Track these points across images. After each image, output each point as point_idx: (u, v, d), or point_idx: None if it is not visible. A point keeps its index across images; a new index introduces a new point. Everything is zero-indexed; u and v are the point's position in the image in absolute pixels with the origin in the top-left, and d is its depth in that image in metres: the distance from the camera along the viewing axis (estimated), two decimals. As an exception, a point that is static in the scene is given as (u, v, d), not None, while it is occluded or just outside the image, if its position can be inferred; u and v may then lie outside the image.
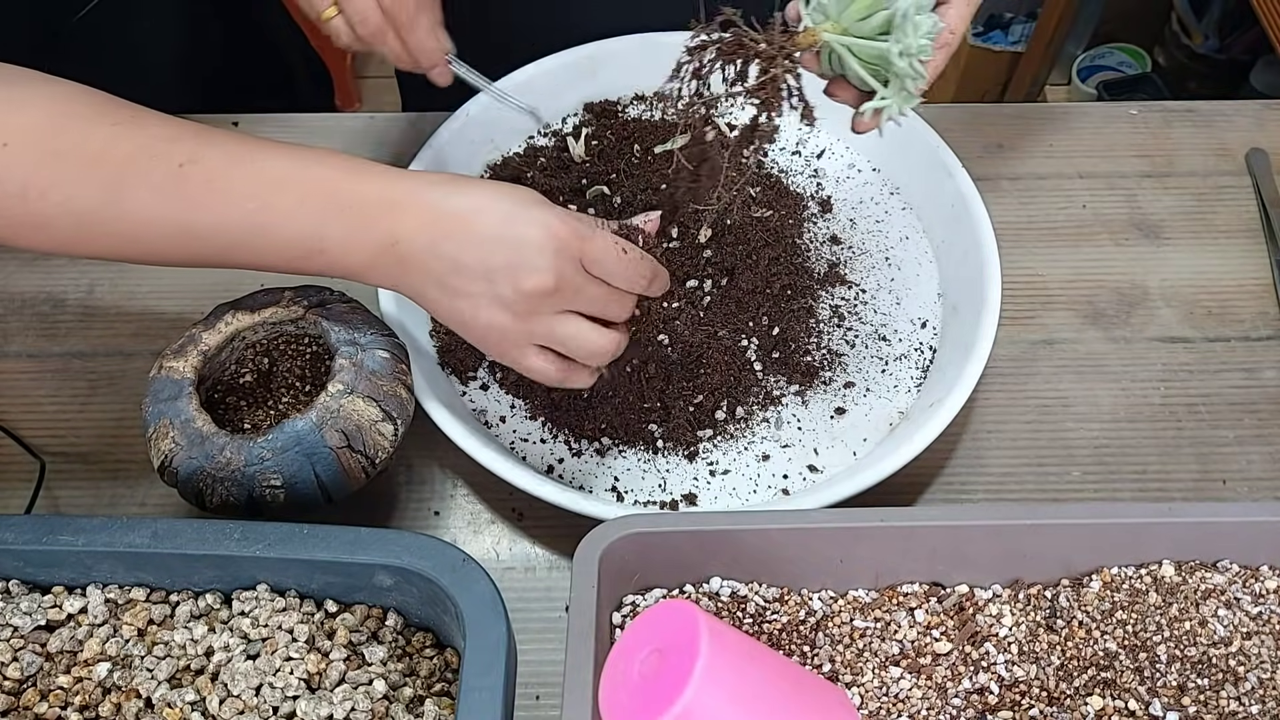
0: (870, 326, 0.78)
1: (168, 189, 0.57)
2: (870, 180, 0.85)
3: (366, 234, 0.58)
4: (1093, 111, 0.94)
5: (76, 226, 0.57)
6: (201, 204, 0.57)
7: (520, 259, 0.58)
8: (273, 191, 0.58)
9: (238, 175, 0.58)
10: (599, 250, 0.60)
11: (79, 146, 0.56)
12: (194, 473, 0.63)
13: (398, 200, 0.58)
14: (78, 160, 0.56)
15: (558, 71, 0.85)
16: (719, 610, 0.61)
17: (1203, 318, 0.81)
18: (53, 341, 0.80)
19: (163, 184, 0.57)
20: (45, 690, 0.57)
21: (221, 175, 0.58)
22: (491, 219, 0.58)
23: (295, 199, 0.58)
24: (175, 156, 0.57)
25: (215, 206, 0.57)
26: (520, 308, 0.59)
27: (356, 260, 0.59)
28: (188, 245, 0.59)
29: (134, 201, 0.57)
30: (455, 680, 0.59)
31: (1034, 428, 0.76)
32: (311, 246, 0.58)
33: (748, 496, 0.71)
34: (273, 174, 0.58)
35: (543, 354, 0.61)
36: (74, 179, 0.56)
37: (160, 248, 0.59)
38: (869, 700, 0.59)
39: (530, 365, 0.61)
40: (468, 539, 0.72)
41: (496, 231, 0.58)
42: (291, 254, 0.59)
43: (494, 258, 0.58)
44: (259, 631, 0.59)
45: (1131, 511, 0.62)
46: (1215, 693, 0.59)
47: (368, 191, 0.58)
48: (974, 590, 0.62)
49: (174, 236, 0.58)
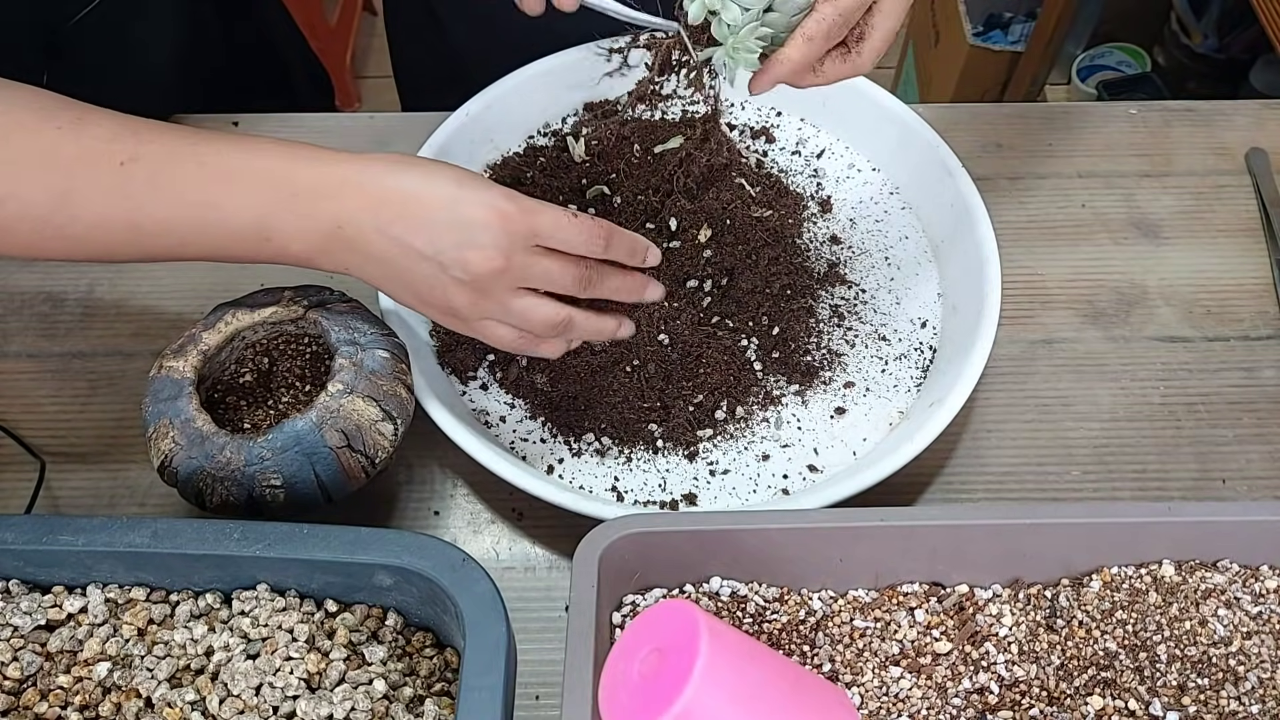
0: (870, 326, 0.78)
1: (113, 189, 0.57)
2: (870, 180, 0.85)
3: (312, 220, 0.59)
4: (1092, 111, 0.94)
5: (31, 232, 0.58)
6: (146, 201, 0.58)
7: (469, 239, 0.59)
8: (215, 184, 0.58)
9: (180, 170, 0.58)
10: (549, 223, 0.61)
11: (26, 152, 0.57)
12: (194, 472, 0.63)
13: (339, 184, 0.59)
14: (27, 166, 0.57)
15: (558, 71, 0.85)
16: (719, 610, 0.61)
17: (1202, 317, 0.81)
18: (53, 341, 0.80)
19: (108, 184, 0.57)
20: (45, 690, 0.57)
21: (164, 171, 0.58)
22: (437, 201, 0.59)
23: (238, 191, 0.58)
24: (117, 155, 0.57)
25: (159, 203, 0.58)
26: (473, 287, 0.60)
27: (305, 247, 0.59)
28: (139, 243, 0.59)
29: (82, 204, 0.57)
30: (455, 680, 0.59)
31: (1034, 427, 0.76)
32: (259, 236, 0.59)
33: (748, 496, 0.71)
34: (214, 167, 0.58)
35: (502, 324, 0.63)
36: (25, 185, 0.57)
37: (113, 247, 0.59)
38: (869, 700, 0.59)
39: (491, 335, 0.63)
40: (468, 539, 0.72)
41: (443, 214, 0.59)
42: (240, 245, 0.59)
43: (443, 239, 0.59)
44: (259, 631, 0.59)
45: (1131, 511, 0.62)
46: (1215, 692, 0.59)
47: (309, 177, 0.59)
48: (974, 590, 0.62)
49: (124, 235, 0.59)
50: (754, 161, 0.84)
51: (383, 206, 0.59)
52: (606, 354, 0.72)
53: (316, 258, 0.60)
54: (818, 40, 0.58)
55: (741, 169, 0.81)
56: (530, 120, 0.86)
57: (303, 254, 0.60)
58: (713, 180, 0.79)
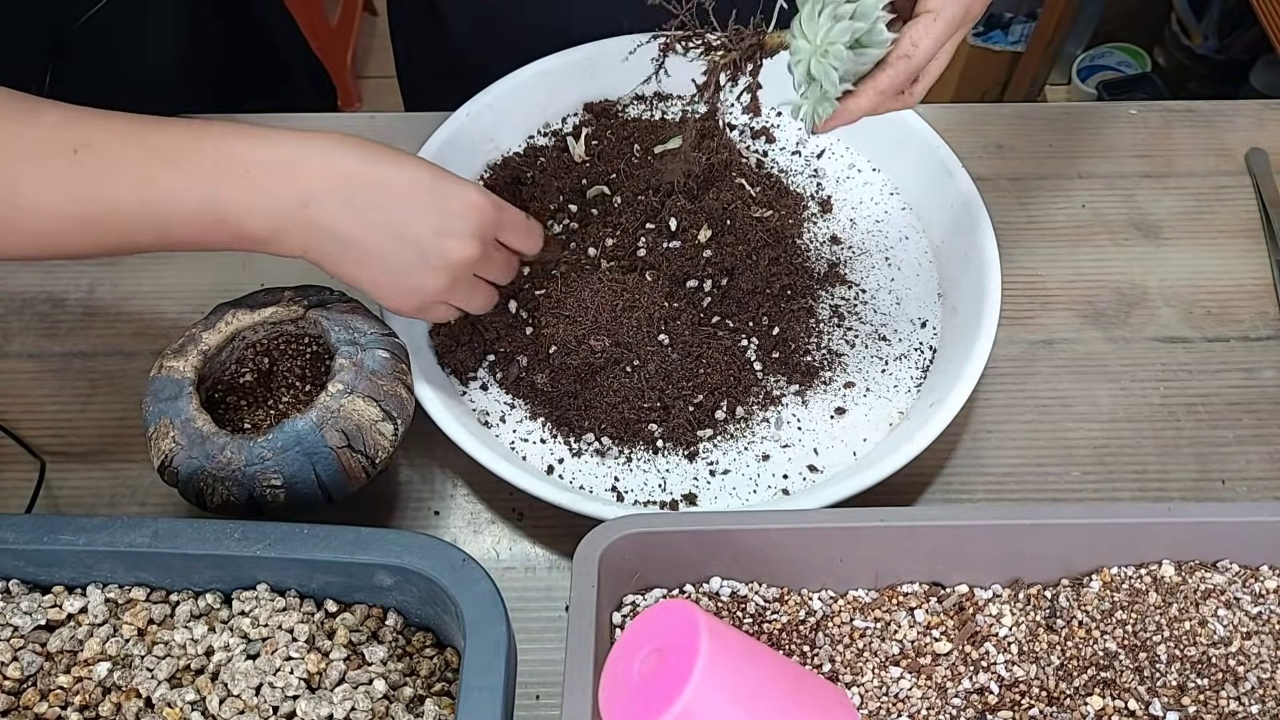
0: (870, 326, 0.78)
1: (63, 179, 0.57)
2: (870, 180, 0.85)
3: (270, 197, 0.59)
4: (1093, 112, 0.94)
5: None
6: (96, 189, 0.57)
7: (449, 228, 0.62)
8: (163, 167, 0.58)
9: (128, 156, 0.58)
10: (515, 220, 0.68)
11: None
12: (194, 472, 0.63)
13: (294, 161, 0.59)
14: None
15: (558, 71, 0.85)
16: (719, 610, 0.61)
17: (1202, 318, 0.81)
18: (53, 341, 0.80)
19: (58, 174, 0.57)
20: (45, 690, 0.57)
21: (112, 156, 0.57)
22: (417, 188, 0.61)
23: (186, 171, 0.58)
24: (67, 144, 0.57)
25: (108, 189, 0.57)
26: (447, 274, 0.64)
27: (262, 226, 0.59)
28: (93, 234, 0.59)
29: (34, 195, 0.57)
30: (455, 680, 0.59)
31: (1034, 428, 0.76)
32: (211, 217, 0.59)
33: (748, 496, 0.71)
34: (163, 150, 0.58)
35: (450, 306, 0.68)
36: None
37: (70, 240, 0.59)
38: (869, 700, 0.59)
39: (435, 315, 0.69)
40: (468, 539, 0.72)
41: (426, 201, 0.61)
42: (192, 229, 0.59)
43: (425, 226, 0.62)
44: (259, 631, 0.59)
45: (1131, 511, 0.62)
46: (1215, 693, 0.59)
47: (261, 155, 0.59)
48: (974, 590, 0.62)
49: (78, 226, 0.58)
50: (754, 161, 0.84)
51: (354, 187, 0.60)
52: (606, 354, 0.72)
53: (272, 239, 0.60)
54: (889, 93, 0.59)
55: (741, 169, 0.81)
56: (530, 120, 0.86)
57: (258, 233, 0.60)
58: (713, 180, 0.79)
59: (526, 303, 0.75)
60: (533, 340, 0.74)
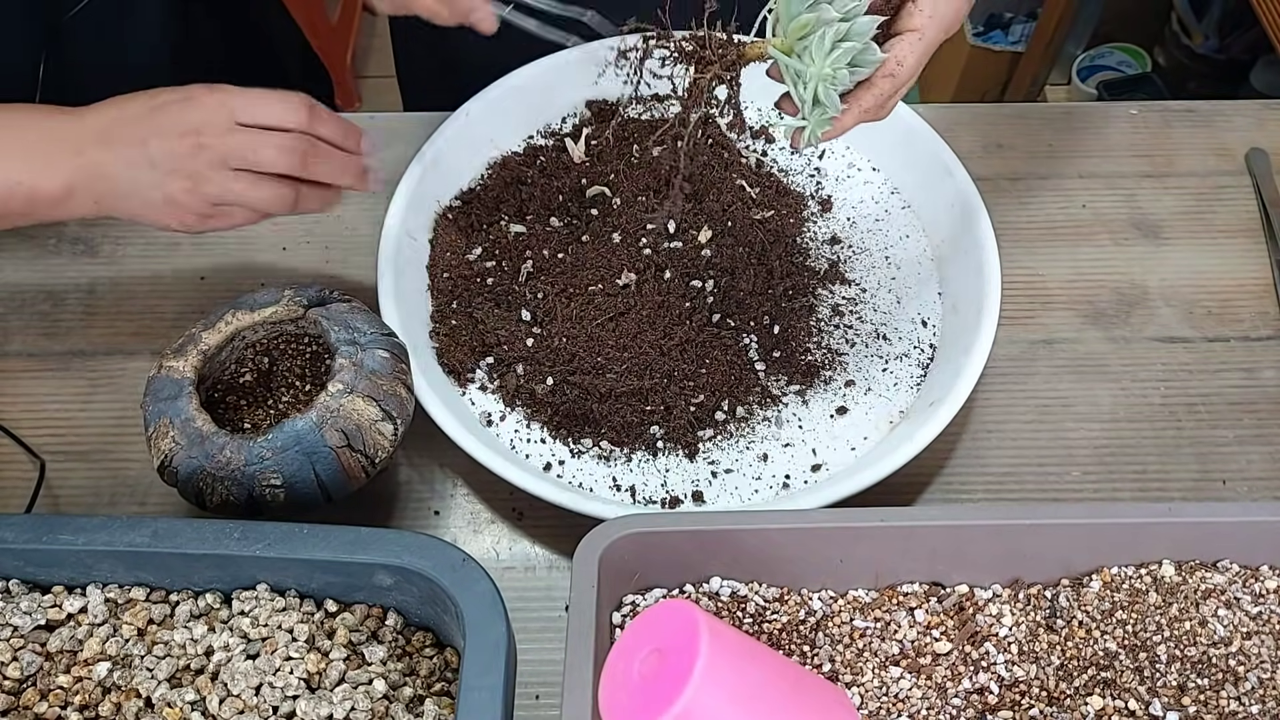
0: (870, 325, 0.78)
1: None
2: (870, 180, 0.85)
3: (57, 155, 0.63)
4: (1093, 112, 0.94)
5: None
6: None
7: (161, 127, 0.64)
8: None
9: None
10: (244, 99, 0.65)
11: None
12: (194, 472, 0.63)
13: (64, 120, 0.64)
14: None
15: (557, 71, 0.85)
16: (719, 610, 0.61)
17: (1202, 317, 0.81)
18: (53, 340, 0.80)
19: None
20: (45, 690, 0.57)
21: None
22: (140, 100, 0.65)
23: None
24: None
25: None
26: (183, 174, 0.64)
27: (56, 185, 0.63)
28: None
29: None
30: (455, 680, 0.59)
31: (1034, 428, 0.76)
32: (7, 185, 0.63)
33: (748, 496, 0.71)
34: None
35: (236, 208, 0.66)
36: None
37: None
38: (869, 700, 0.59)
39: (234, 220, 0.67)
40: (468, 539, 0.72)
41: (143, 110, 0.64)
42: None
43: (145, 133, 0.64)
44: (259, 631, 0.59)
45: (1131, 511, 0.62)
46: (1215, 693, 0.59)
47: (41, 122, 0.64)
48: (974, 590, 0.62)
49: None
50: (754, 162, 0.84)
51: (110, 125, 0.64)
52: (606, 354, 0.72)
53: (69, 199, 0.64)
54: (872, 111, 0.61)
55: (741, 169, 0.81)
56: (530, 120, 0.86)
57: (56, 194, 0.64)
58: (713, 182, 0.79)
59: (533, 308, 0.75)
60: (534, 351, 0.74)
